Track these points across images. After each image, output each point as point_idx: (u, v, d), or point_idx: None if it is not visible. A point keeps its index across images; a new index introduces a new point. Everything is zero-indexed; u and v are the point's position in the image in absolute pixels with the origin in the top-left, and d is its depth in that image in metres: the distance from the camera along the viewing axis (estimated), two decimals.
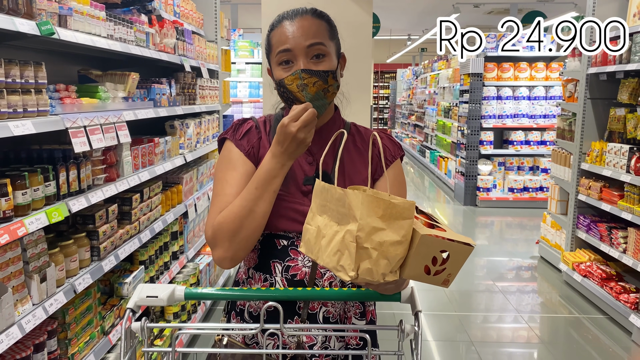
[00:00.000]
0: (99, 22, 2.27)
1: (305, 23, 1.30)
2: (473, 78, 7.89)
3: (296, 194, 1.34)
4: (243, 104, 7.98)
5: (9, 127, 1.64)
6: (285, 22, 1.31)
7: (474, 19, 14.27)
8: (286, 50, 1.29)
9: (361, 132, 1.46)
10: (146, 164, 2.81)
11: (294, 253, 1.32)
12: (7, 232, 1.64)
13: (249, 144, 1.37)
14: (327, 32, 1.33)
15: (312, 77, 1.27)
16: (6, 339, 1.64)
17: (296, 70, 1.28)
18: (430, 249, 0.96)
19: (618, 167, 4.09)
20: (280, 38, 1.30)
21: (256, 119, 1.44)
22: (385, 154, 1.41)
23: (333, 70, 1.31)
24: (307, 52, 1.29)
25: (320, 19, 1.33)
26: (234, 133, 1.39)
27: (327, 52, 1.31)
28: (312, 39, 1.29)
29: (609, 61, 4.28)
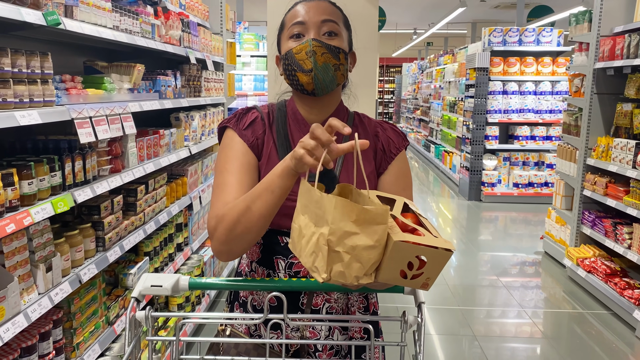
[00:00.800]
0: (105, 13, 2.27)
1: (321, 4, 1.30)
2: (479, 72, 7.86)
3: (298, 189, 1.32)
4: (248, 96, 7.98)
5: (16, 117, 1.64)
6: (300, 4, 1.31)
7: (481, 13, 14.18)
8: (299, 23, 1.27)
9: (365, 124, 1.42)
10: (151, 155, 2.82)
11: None
12: (13, 222, 1.65)
13: (253, 135, 1.33)
14: (341, 18, 1.33)
15: (322, 47, 1.25)
16: (12, 327, 1.65)
17: (307, 39, 1.26)
18: (405, 255, 0.95)
19: (624, 162, 4.07)
20: (294, 14, 1.30)
21: (260, 109, 1.39)
22: (390, 146, 1.38)
23: (345, 50, 1.29)
24: (320, 27, 1.27)
25: (336, 7, 1.34)
26: (237, 122, 1.35)
27: (340, 32, 1.29)
28: (327, 15, 1.28)
29: (617, 56, 4.25)
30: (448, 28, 15.60)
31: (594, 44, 4.57)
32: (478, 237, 6.47)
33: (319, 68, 1.25)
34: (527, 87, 7.92)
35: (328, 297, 1.34)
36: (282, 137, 1.34)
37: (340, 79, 1.30)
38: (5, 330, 1.62)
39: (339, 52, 1.27)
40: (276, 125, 1.35)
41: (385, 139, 1.39)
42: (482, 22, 14.69)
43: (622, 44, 4.17)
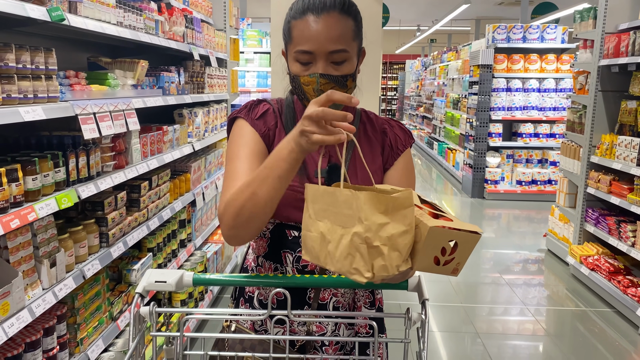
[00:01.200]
0: (109, 9, 2.27)
1: (331, 22, 1.22)
2: (483, 69, 7.83)
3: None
4: (251, 93, 7.97)
5: (20, 112, 1.65)
6: (309, 17, 1.23)
7: (485, 10, 14.14)
8: (307, 52, 1.23)
9: (372, 120, 1.43)
10: (155, 152, 2.82)
11: None
12: (17, 217, 1.65)
13: (265, 125, 1.32)
14: (352, 33, 1.26)
15: (330, 82, 1.23)
16: (17, 322, 1.66)
17: (314, 72, 1.23)
18: (439, 240, 0.96)
19: (628, 160, 4.06)
20: (303, 34, 1.23)
21: (271, 102, 1.38)
22: (397, 143, 1.40)
23: (352, 73, 1.27)
24: (328, 57, 1.23)
25: (348, 16, 1.25)
26: (249, 112, 1.34)
27: (349, 57, 1.25)
28: (336, 45, 1.22)
29: (621, 53, 4.23)
30: (452, 25, 15.55)
31: (598, 41, 4.55)
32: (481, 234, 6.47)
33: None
34: (531, 84, 7.89)
35: (335, 292, 1.34)
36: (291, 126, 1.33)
37: None
38: (9, 325, 1.63)
39: (346, 80, 1.25)
40: (285, 121, 1.35)
41: (393, 136, 1.41)
42: (486, 18, 14.64)
43: (627, 41, 4.15)
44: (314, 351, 1.34)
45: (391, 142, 1.40)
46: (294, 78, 1.28)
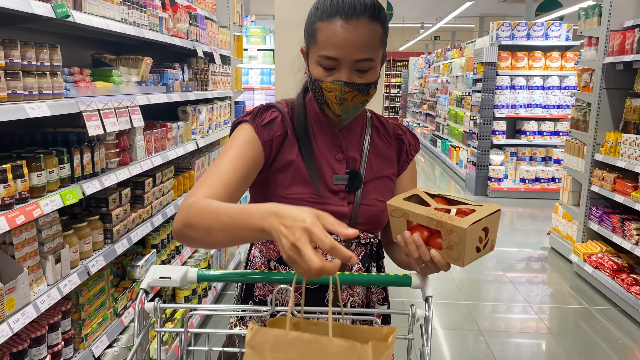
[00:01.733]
0: (113, 6, 2.27)
1: (360, 30, 1.16)
2: (486, 67, 7.81)
3: (325, 194, 1.28)
4: (255, 90, 7.97)
5: (25, 109, 1.65)
6: (338, 22, 1.16)
7: (488, 7, 14.08)
8: (332, 59, 1.18)
9: (384, 124, 1.42)
10: (159, 148, 2.82)
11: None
12: (22, 213, 1.66)
13: (270, 134, 1.25)
14: (379, 40, 1.21)
15: (353, 91, 1.20)
16: (22, 317, 1.67)
17: (338, 80, 1.19)
18: (476, 234, 1.06)
19: (633, 158, 4.05)
20: (330, 40, 1.17)
21: (281, 109, 1.30)
22: (410, 149, 1.43)
23: (375, 81, 1.24)
24: (354, 65, 1.19)
25: (377, 23, 1.20)
26: (255, 117, 1.27)
27: (375, 65, 1.21)
28: (363, 54, 1.17)
29: (626, 51, 4.21)
30: (455, 22, 15.51)
31: (603, 38, 4.54)
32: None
33: (348, 111, 1.24)
34: (535, 82, 7.87)
35: (352, 292, 1.33)
36: (304, 139, 1.29)
37: (366, 104, 1.28)
38: (15, 320, 1.64)
39: (369, 87, 1.22)
40: (297, 125, 1.30)
41: (408, 143, 1.42)
42: (490, 16, 14.59)
43: (632, 38, 4.13)
44: None
45: (408, 149, 1.42)
46: (315, 82, 1.23)
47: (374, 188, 1.34)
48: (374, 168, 1.35)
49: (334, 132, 1.32)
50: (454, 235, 1.04)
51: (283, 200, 1.26)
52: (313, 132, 1.31)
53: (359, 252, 1.33)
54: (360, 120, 1.37)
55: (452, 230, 1.04)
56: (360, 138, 1.35)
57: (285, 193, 1.27)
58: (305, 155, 1.28)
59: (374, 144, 1.36)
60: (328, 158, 1.30)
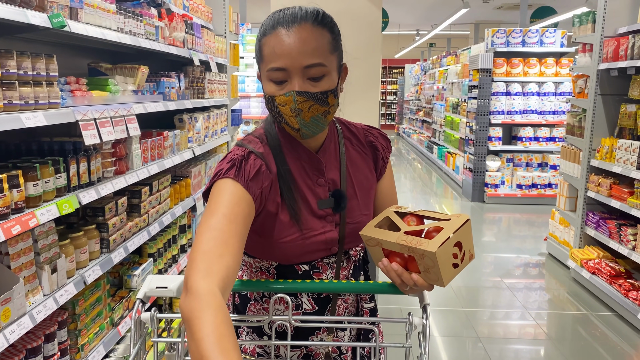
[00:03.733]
0: (110, 15, 2.28)
1: (304, 35, 1.12)
2: (482, 74, 7.85)
3: (313, 224, 1.24)
4: (251, 98, 7.98)
5: (21, 118, 1.65)
6: (280, 31, 1.13)
7: (484, 14, 14.17)
8: (280, 69, 1.13)
9: (353, 132, 1.38)
10: (155, 157, 2.82)
11: (317, 275, 1.28)
12: (18, 223, 1.65)
13: (258, 187, 1.17)
14: (328, 45, 1.16)
15: (309, 100, 1.13)
16: (17, 328, 1.66)
17: (290, 91, 1.13)
18: (448, 252, 1.04)
19: (628, 163, 4.06)
20: (274, 51, 1.12)
21: (257, 152, 1.21)
22: (385, 153, 1.40)
23: (333, 89, 1.16)
24: (304, 73, 1.12)
25: (322, 28, 1.15)
26: (239, 172, 1.15)
27: (327, 71, 1.15)
28: (311, 59, 1.12)
29: (620, 57, 4.24)
30: (451, 29, 15.59)
31: (597, 44, 4.57)
32: (481, 238, 6.46)
33: (308, 124, 1.16)
34: (530, 88, 7.91)
35: (347, 305, 1.34)
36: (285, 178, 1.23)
37: (331, 117, 1.20)
38: (10, 331, 1.62)
39: (326, 96, 1.15)
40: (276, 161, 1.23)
41: (381, 148, 1.39)
42: (485, 23, 14.68)
43: (626, 44, 4.16)
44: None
45: (383, 155, 1.39)
46: (269, 99, 1.18)
47: (357, 203, 1.31)
48: (355, 182, 1.32)
49: (311, 155, 1.26)
50: (427, 259, 1.04)
51: (277, 245, 1.23)
52: (291, 160, 1.25)
53: (349, 267, 1.34)
54: (332, 137, 1.31)
55: (423, 255, 1.03)
56: (335, 155, 1.30)
57: (277, 239, 1.23)
58: (287, 194, 1.22)
59: (350, 159, 1.32)
60: (310, 184, 1.26)
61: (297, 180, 1.25)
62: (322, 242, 1.26)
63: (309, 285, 1.21)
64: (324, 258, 1.28)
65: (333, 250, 1.29)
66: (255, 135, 1.27)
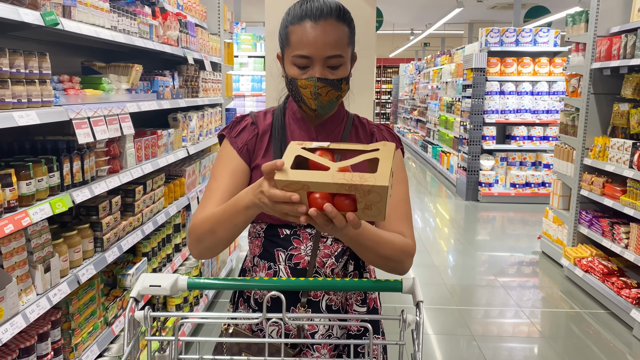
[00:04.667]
0: (103, 14, 2.27)
1: (328, 29, 1.27)
2: (476, 73, 7.87)
3: None
4: (246, 97, 7.97)
5: (14, 117, 1.64)
6: (307, 23, 1.28)
7: (478, 14, 14.21)
8: (305, 57, 1.28)
9: (364, 124, 1.49)
10: (149, 156, 2.81)
11: (297, 242, 1.35)
12: (11, 222, 1.64)
13: (241, 141, 1.39)
14: (347, 39, 1.32)
15: (327, 86, 1.30)
16: (10, 328, 1.65)
17: (312, 76, 1.29)
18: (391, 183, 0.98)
19: (621, 162, 4.09)
20: (302, 40, 1.28)
21: (254, 114, 1.45)
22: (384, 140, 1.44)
23: (346, 77, 1.33)
24: (325, 62, 1.29)
25: (343, 23, 1.31)
26: (230, 130, 1.42)
27: (344, 62, 1.31)
28: (333, 50, 1.28)
29: (613, 56, 4.27)
30: (445, 29, 15.63)
31: (590, 44, 4.59)
32: (475, 237, 6.48)
33: (324, 106, 1.33)
34: (524, 88, 7.94)
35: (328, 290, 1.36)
36: (278, 132, 1.40)
37: (341, 100, 1.36)
38: (3, 331, 1.62)
39: (340, 83, 1.31)
40: (274, 121, 1.42)
41: (381, 139, 1.45)
42: (479, 22, 14.72)
43: (619, 44, 4.18)
44: (307, 350, 1.35)
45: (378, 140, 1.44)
46: (292, 81, 1.32)
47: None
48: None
49: (308, 127, 1.41)
50: (373, 195, 0.96)
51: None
52: (290, 129, 1.42)
53: (336, 248, 1.36)
54: (338, 121, 1.44)
55: (370, 191, 0.96)
56: (337, 134, 1.42)
57: None
58: (275, 145, 1.38)
59: (350, 139, 1.43)
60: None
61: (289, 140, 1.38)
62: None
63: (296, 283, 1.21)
64: (306, 227, 1.35)
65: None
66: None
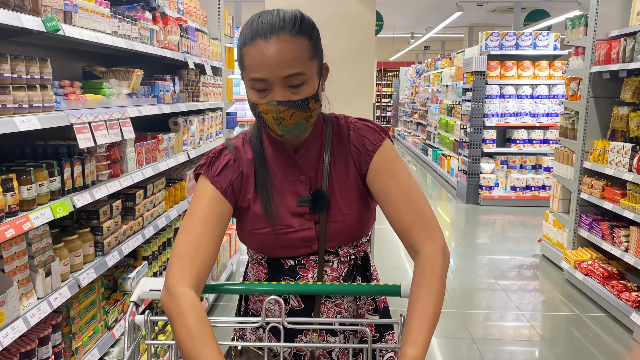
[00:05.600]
0: (104, 19, 2.28)
1: (282, 46, 1.13)
2: (476, 76, 7.89)
3: (291, 220, 1.27)
4: (246, 101, 7.98)
5: (15, 122, 1.65)
6: (259, 42, 1.14)
7: (477, 17, 14.24)
8: (261, 80, 1.15)
9: (341, 127, 1.34)
10: (150, 160, 2.83)
11: (303, 271, 1.30)
12: (12, 227, 1.65)
13: (226, 180, 1.26)
14: (307, 53, 1.17)
15: (290, 109, 1.16)
16: (11, 332, 1.66)
17: (272, 100, 1.16)
18: None
19: (620, 165, 4.09)
20: (255, 62, 1.15)
21: (233, 147, 1.31)
22: (365, 144, 1.29)
23: (314, 94, 1.19)
24: (285, 82, 1.15)
25: (300, 36, 1.16)
26: (209, 168, 1.27)
27: (307, 79, 1.17)
28: (290, 69, 1.14)
29: (612, 60, 4.28)
30: (445, 32, 15.65)
31: (590, 47, 4.60)
32: (476, 240, 6.49)
33: (290, 130, 1.20)
34: (524, 91, 7.95)
35: (339, 310, 1.32)
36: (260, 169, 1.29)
37: (314, 119, 1.23)
38: (4, 335, 1.62)
39: (307, 102, 1.18)
40: (255, 155, 1.30)
41: (358, 140, 1.30)
42: (479, 26, 14.75)
43: (618, 47, 4.20)
44: None
45: (357, 147, 1.30)
46: (253, 106, 1.21)
47: (336, 202, 1.28)
48: (335, 180, 1.29)
49: (290, 155, 1.29)
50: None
51: (251, 235, 1.30)
52: (272, 159, 1.30)
53: (342, 269, 1.32)
54: (317, 135, 1.31)
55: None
56: (319, 154, 1.30)
57: (250, 229, 1.30)
58: (261, 190, 1.27)
59: (334, 155, 1.30)
60: (291, 181, 1.29)
61: (276, 176, 1.29)
62: (299, 239, 1.27)
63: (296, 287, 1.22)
64: (310, 255, 1.30)
65: (314, 248, 1.29)
66: (243, 134, 1.35)
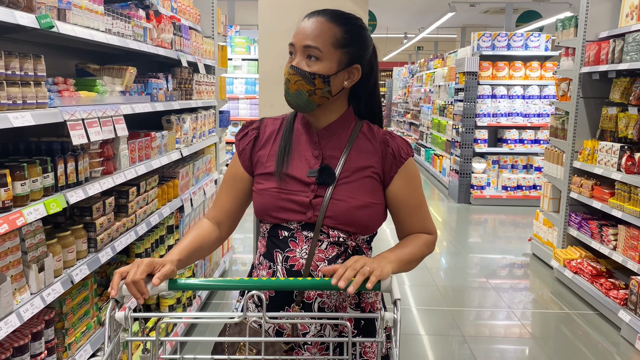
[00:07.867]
0: (98, 17, 2.29)
1: (315, 24, 1.35)
2: (468, 77, 7.94)
3: (295, 185, 1.38)
4: (239, 100, 7.99)
5: (9, 118, 1.66)
6: (304, 19, 1.39)
7: (470, 18, 14.30)
8: (291, 44, 1.38)
9: (373, 132, 1.47)
10: (143, 157, 2.83)
11: (293, 244, 1.37)
12: (6, 222, 1.66)
13: (242, 145, 1.49)
14: (333, 38, 1.34)
15: (296, 75, 1.35)
16: (4, 326, 1.67)
17: (289, 64, 1.38)
18: None
19: (609, 165, 4.15)
20: (295, 31, 1.39)
21: (264, 119, 1.53)
22: (400, 152, 1.43)
23: (324, 75, 1.34)
24: (304, 51, 1.35)
25: (335, 24, 1.36)
26: (238, 135, 1.52)
27: (322, 57, 1.34)
28: (309, 41, 1.34)
29: (602, 61, 4.33)
30: (438, 32, 15.71)
31: (579, 48, 4.65)
32: (467, 239, 6.53)
33: (291, 95, 1.37)
34: (515, 91, 8.01)
35: (321, 292, 1.37)
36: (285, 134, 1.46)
37: (320, 101, 1.37)
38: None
39: (314, 78, 1.34)
40: (285, 124, 1.49)
41: (395, 146, 1.44)
42: (472, 26, 14.81)
43: (607, 49, 4.25)
44: (298, 349, 1.37)
45: (394, 151, 1.43)
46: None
47: (348, 184, 1.38)
48: (353, 167, 1.40)
49: (312, 131, 1.45)
50: None
51: (259, 193, 1.43)
52: (298, 133, 1.47)
53: (331, 252, 1.37)
54: (344, 124, 1.45)
55: None
56: (343, 139, 1.43)
57: (258, 188, 1.43)
58: (280, 150, 1.44)
59: (357, 146, 1.43)
60: (306, 155, 1.42)
61: (296, 145, 1.44)
62: (296, 201, 1.37)
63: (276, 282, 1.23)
64: (303, 230, 1.37)
65: (309, 216, 1.36)
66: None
